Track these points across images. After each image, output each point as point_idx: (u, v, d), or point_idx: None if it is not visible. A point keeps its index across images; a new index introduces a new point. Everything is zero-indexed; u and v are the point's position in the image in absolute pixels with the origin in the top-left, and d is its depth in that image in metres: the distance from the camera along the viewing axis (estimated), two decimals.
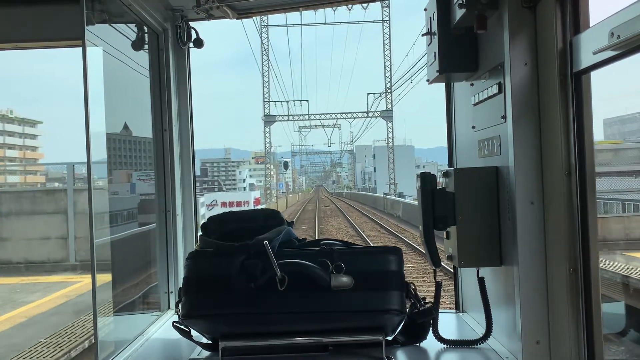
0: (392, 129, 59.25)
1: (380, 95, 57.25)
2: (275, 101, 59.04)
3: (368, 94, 58.04)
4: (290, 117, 59.31)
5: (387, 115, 57.06)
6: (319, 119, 62.46)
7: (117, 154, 3.16)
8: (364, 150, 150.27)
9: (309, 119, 61.57)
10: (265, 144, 59.48)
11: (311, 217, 42.38)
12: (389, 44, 58.07)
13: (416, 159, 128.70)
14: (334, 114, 61.60)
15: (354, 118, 59.76)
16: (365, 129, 76.76)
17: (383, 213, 43.55)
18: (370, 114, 57.98)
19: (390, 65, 57.99)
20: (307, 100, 60.84)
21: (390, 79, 56.30)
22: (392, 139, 60.73)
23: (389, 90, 55.80)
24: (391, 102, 56.16)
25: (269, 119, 57.09)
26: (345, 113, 60.20)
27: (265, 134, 58.41)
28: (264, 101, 56.76)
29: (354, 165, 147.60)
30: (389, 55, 57.89)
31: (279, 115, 58.08)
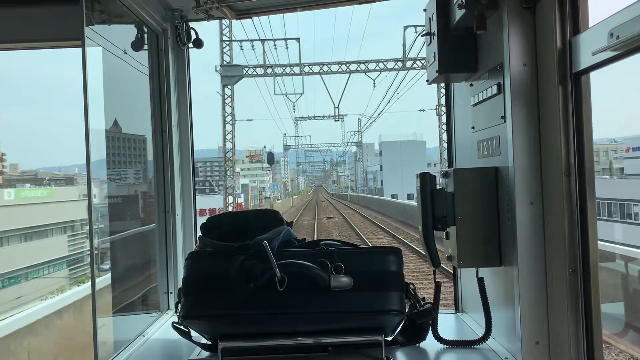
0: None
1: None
2: (240, 40, 30.39)
3: (406, 27, 29.93)
4: (269, 69, 30.87)
5: None
6: (320, 72, 31.73)
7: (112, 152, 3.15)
8: (366, 149, 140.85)
9: (301, 72, 31.79)
10: (223, 115, 30.44)
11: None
12: None
13: (427, 156, 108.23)
14: (345, 63, 31.74)
15: (381, 70, 31.36)
16: (390, 100, 37.55)
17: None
18: (409, 62, 30.57)
19: None
20: (298, 39, 30.23)
21: None
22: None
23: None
24: None
25: (229, 72, 29.91)
26: (365, 62, 31.59)
27: (224, 98, 30.18)
28: (222, 41, 29.54)
29: (362, 161, 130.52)
30: None
31: (248, 67, 30.60)
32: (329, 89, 34.24)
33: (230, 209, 31.65)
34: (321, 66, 32.30)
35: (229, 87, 30.33)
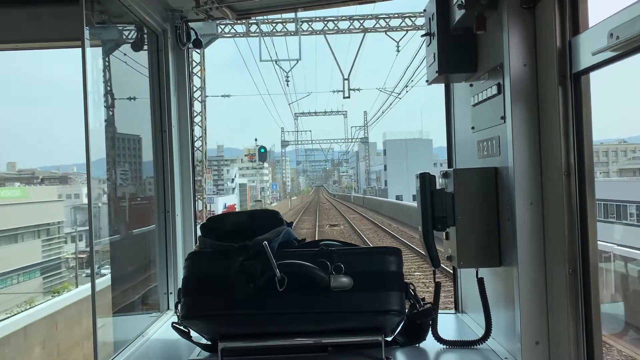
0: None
1: None
2: None
3: None
4: (254, 26, 22.78)
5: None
6: (324, 30, 23.04)
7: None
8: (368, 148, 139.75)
9: (297, 31, 22.81)
10: (190, 88, 3.40)
11: None
12: None
13: (434, 155, 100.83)
14: (357, 18, 23.54)
15: (407, 29, 23.41)
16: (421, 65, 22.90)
17: None
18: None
19: None
20: None
21: None
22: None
23: None
24: None
25: (199, 30, 3.82)
26: (386, 16, 23.13)
27: (189, 63, 3.46)
28: None
29: (368, 159, 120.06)
30: None
31: (225, 23, 21.27)
32: (335, 54, 25.21)
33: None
34: (325, 22, 22.58)
35: (198, 50, 21.06)
